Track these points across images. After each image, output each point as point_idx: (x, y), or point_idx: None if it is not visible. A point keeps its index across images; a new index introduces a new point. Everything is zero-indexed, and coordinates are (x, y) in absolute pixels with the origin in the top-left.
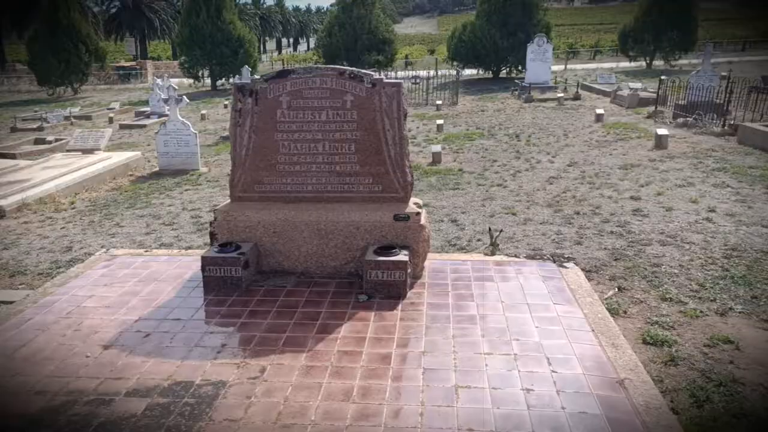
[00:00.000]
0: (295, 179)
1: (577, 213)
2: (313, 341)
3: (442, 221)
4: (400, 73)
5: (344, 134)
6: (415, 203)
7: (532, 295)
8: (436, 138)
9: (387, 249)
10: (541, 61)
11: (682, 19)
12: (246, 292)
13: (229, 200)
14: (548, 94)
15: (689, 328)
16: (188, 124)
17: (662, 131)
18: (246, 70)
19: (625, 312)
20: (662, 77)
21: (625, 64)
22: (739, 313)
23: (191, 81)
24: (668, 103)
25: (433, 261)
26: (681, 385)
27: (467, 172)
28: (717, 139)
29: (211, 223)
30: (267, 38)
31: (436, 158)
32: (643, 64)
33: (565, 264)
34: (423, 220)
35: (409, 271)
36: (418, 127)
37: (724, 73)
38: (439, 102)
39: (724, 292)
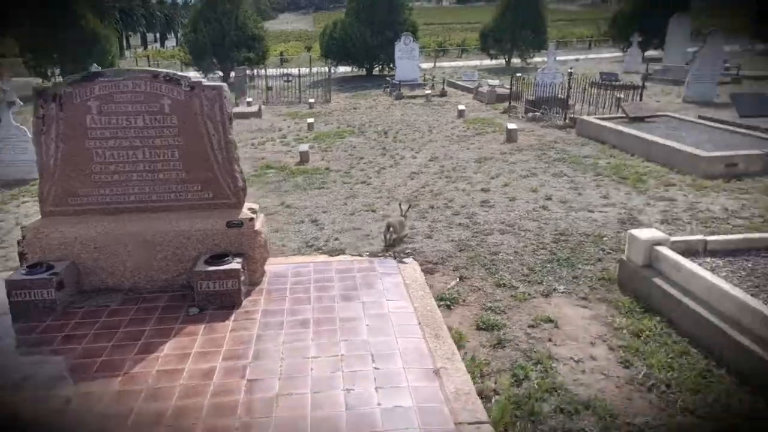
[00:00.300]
0: (114, 189)
1: (432, 207)
2: (131, 363)
3: (303, 222)
4: (271, 71)
5: (165, 140)
6: (250, 208)
7: (368, 294)
8: (307, 137)
9: (219, 258)
10: (408, 59)
11: (534, 20)
12: (62, 316)
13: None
14: (417, 91)
15: (517, 311)
16: (24, 129)
17: (512, 126)
18: (95, 68)
19: (464, 300)
20: (517, 74)
21: (488, 62)
22: (562, 293)
23: (39, 81)
24: (522, 99)
25: (275, 265)
26: (505, 365)
27: (334, 171)
28: (560, 131)
29: (19, 242)
30: (131, 33)
31: (304, 157)
32: (503, 61)
33: (404, 260)
34: (258, 225)
35: (243, 279)
36: (289, 126)
37: (570, 70)
38: (311, 100)
39: (550, 275)
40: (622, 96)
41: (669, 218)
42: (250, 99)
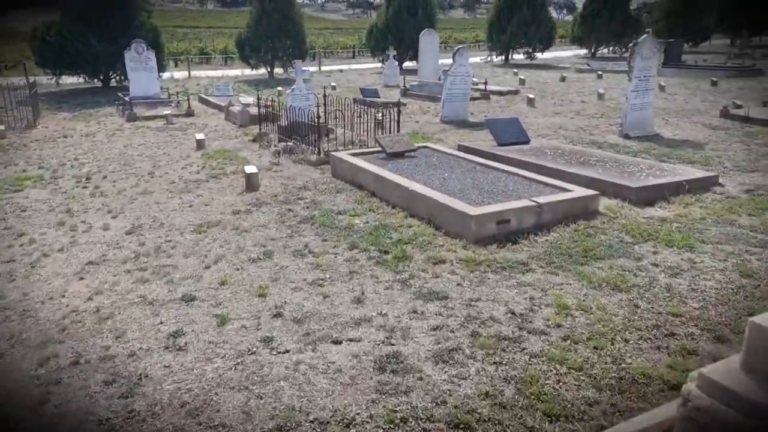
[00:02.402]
0: None
1: (77, 362)
2: None
3: None
4: None
5: None
6: None
7: None
8: None
9: None
10: (145, 71)
11: (291, 29)
12: None
13: None
14: (158, 110)
15: None
16: None
17: (252, 170)
18: None
19: None
20: (278, 89)
21: (250, 72)
22: None
23: None
24: (280, 122)
25: None
26: None
27: None
28: (314, 170)
29: None
30: None
31: None
32: (266, 72)
33: None
34: None
35: None
36: None
37: (333, 84)
38: (2, 127)
39: None
40: (381, 117)
41: (445, 348)
42: None
